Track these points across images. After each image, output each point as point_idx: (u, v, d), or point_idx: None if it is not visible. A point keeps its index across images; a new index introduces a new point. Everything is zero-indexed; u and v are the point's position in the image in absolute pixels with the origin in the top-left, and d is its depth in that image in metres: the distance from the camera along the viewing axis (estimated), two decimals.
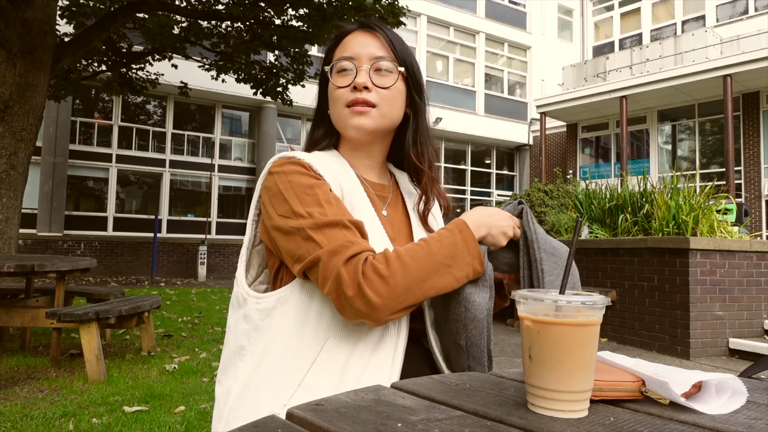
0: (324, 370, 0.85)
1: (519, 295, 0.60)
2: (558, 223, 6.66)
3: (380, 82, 1.00)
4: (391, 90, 1.01)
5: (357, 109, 0.99)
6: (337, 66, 1.02)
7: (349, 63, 1.01)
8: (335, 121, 1.05)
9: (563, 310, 0.57)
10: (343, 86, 1.00)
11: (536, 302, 0.58)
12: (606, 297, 0.59)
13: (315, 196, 0.88)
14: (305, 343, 0.87)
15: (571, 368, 0.56)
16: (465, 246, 0.87)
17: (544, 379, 0.57)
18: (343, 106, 1.00)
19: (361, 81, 0.99)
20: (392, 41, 1.03)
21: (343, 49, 1.03)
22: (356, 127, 1.00)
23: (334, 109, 1.03)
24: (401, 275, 0.81)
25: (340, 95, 1.01)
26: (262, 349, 0.89)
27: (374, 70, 1.00)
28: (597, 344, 0.59)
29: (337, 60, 1.02)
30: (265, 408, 0.86)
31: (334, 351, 0.86)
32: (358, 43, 1.02)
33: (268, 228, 0.91)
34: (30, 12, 5.59)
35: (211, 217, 14.19)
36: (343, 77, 1.01)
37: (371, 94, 0.99)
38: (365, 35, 1.03)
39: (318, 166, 0.94)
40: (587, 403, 0.58)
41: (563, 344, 0.57)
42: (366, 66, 1.00)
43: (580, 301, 0.57)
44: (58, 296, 3.89)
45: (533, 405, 0.58)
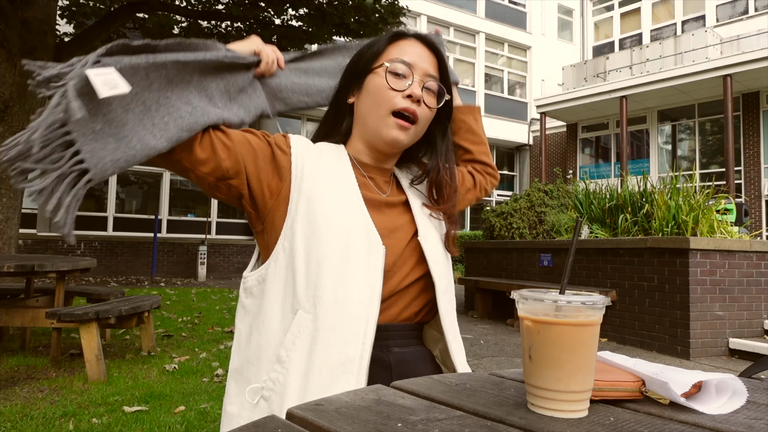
0: (294, 344, 0.86)
1: (519, 295, 0.60)
2: (558, 223, 6.65)
3: (428, 101, 1.00)
4: (432, 111, 1.02)
5: (401, 123, 0.97)
6: (393, 66, 0.98)
7: (407, 69, 0.98)
8: (369, 122, 1.00)
9: (563, 310, 0.57)
10: (398, 90, 0.97)
11: (536, 302, 0.58)
12: (606, 297, 0.59)
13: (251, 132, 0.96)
14: (277, 318, 0.90)
15: (571, 368, 0.56)
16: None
17: (544, 379, 0.57)
18: (389, 111, 0.97)
19: (419, 93, 0.97)
20: (444, 66, 1.04)
21: (400, 51, 1.00)
22: (393, 140, 0.98)
23: (375, 110, 0.99)
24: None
25: (390, 98, 0.97)
26: (248, 326, 0.94)
27: (425, 87, 0.99)
28: (597, 344, 0.59)
29: (394, 59, 0.99)
30: (254, 380, 0.90)
31: (303, 324, 0.87)
32: (416, 53, 1.00)
33: None
34: (30, 12, 5.59)
35: (211, 217, 14.19)
36: (397, 80, 0.98)
37: (419, 109, 0.98)
38: (423, 48, 1.02)
39: (296, 142, 0.98)
40: (587, 403, 0.58)
41: (563, 344, 0.56)
42: (418, 78, 0.98)
43: (580, 301, 0.57)
44: (58, 296, 3.89)
45: (533, 405, 0.58)
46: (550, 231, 6.98)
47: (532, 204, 7.63)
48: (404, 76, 0.98)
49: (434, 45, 1.03)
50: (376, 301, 0.87)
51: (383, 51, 1.01)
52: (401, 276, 0.95)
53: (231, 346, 3.15)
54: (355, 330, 0.85)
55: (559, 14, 19.93)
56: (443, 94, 1.02)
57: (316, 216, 0.90)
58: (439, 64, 1.03)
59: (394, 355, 0.94)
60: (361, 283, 0.88)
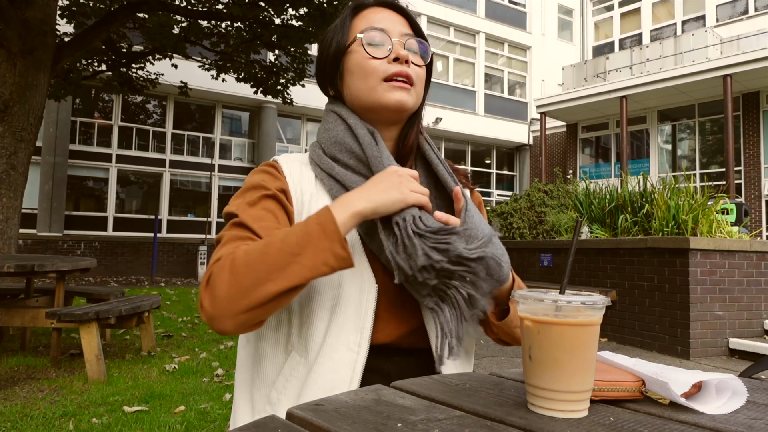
0: (285, 387, 0.84)
1: (519, 295, 0.60)
2: (558, 223, 6.65)
3: (415, 60, 0.92)
4: (423, 69, 0.93)
5: (398, 84, 0.88)
6: (368, 36, 0.89)
7: (382, 35, 0.90)
8: (364, 98, 0.90)
9: (563, 310, 0.57)
10: (381, 57, 0.89)
11: (536, 302, 0.58)
12: (606, 297, 0.59)
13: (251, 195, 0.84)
14: (270, 358, 0.88)
15: (570, 368, 0.56)
16: (320, 229, 0.72)
17: (543, 379, 0.57)
18: (379, 79, 0.88)
19: (404, 53, 0.88)
20: (414, 23, 0.95)
21: (369, 21, 0.92)
22: (398, 102, 0.88)
23: (365, 84, 0.89)
24: (227, 280, 0.70)
25: (375, 67, 0.89)
26: (249, 356, 0.92)
27: (406, 47, 0.91)
28: (597, 344, 0.59)
29: (366, 29, 0.90)
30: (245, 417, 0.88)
31: (294, 368, 0.84)
32: (383, 17, 0.92)
33: None
34: (30, 12, 5.59)
35: (211, 217, 14.19)
36: (376, 49, 0.89)
37: (411, 69, 0.90)
38: (389, 12, 0.94)
39: (287, 167, 0.91)
40: (587, 403, 0.58)
41: (563, 344, 0.56)
42: (397, 40, 0.90)
43: (580, 301, 0.57)
44: (58, 296, 3.89)
45: (533, 405, 0.58)
46: (550, 231, 6.98)
47: (532, 204, 7.63)
48: (381, 43, 0.89)
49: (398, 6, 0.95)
50: (364, 346, 0.82)
51: (350, 27, 0.92)
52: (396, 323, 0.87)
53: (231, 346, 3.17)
54: (342, 378, 0.81)
55: (559, 14, 19.93)
56: (427, 49, 0.95)
57: None
58: (410, 23, 0.94)
59: (394, 364, 0.89)
60: (350, 326, 0.83)
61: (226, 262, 0.72)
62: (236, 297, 0.70)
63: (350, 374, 0.81)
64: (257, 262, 0.71)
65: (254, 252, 0.72)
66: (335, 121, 0.93)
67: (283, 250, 0.71)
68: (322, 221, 0.73)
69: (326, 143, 0.93)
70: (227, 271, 0.71)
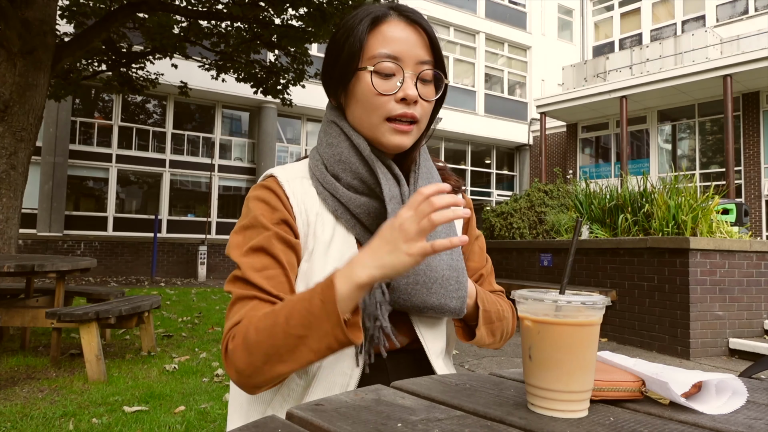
0: (282, 406, 0.85)
1: (519, 295, 0.60)
2: (558, 223, 6.65)
3: (425, 93, 0.88)
4: (431, 102, 0.90)
5: (400, 127, 0.86)
6: (379, 67, 0.85)
7: (394, 65, 0.85)
8: (364, 131, 0.89)
9: (563, 310, 0.57)
10: (388, 94, 0.85)
11: (536, 302, 0.58)
12: (606, 297, 0.59)
13: (251, 236, 0.83)
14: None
15: (570, 368, 0.56)
16: (323, 310, 0.68)
17: (543, 379, 0.57)
18: (382, 118, 0.86)
19: (413, 93, 0.85)
20: (434, 41, 0.89)
21: (383, 42, 0.86)
22: (396, 147, 0.87)
23: (367, 116, 0.87)
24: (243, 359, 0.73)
25: (381, 104, 0.85)
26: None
27: (420, 78, 0.87)
28: (597, 344, 0.59)
29: (378, 57, 0.85)
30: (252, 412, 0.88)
31: (293, 389, 0.85)
32: (401, 38, 0.86)
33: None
34: (30, 12, 5.59)
35: (211, 217, 14.19)
36: (384, 81, 0.85)
37: (417, 108, 0.87)
38: (407, 28, 0.87)
39: (289, 186, 0.88)
40: (587, 403, 0.58)
41: (563, 344, 0.56)
42: (411, 72, 0.86)
43: (580, 301, 0.57)
44: (58, 296, 3.89)
45: (533, 405, 0.58)
46: (550, 231, 6.98)
47: (532, 204, 7.63)
48: (392, 74, 0.85)
49: (417, 20, 0.88)
50: (357, 370, 0.83)
51: (365, 42, 0.86)
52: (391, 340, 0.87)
53: None
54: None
55: (559, 14, 19.93)
56: (441, 80, 0.90)
57: (312, 277, 0.85)
58: (431, 42, 0.88)
59: (389, 360, 0.90)
60: (347, 351, 0.83)
61: (239, 341, 0.74)
62: (254, 374, 0.74)
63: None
64: (267, 345, 0.72)
65: (264, 332, 0.72)
66: (339, 136, 0.90)
67: (289, 332, 0.70)
68: (324, 299, 0.69)
69: (330, 160, 0.90)
70: (241, 350, 0.74)
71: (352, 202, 0.87)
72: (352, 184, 0.88)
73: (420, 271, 0.84)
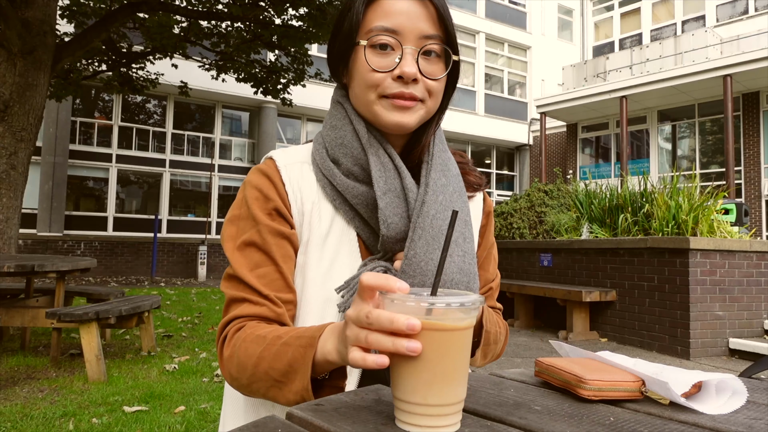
0: (274, 406, 0.83)
1: (387, 298, 0.53)
2: (558, 223, 6.65)
3: (430, 71, 0.79)
4: (440, 81, 0.81)
5: (399, 103, 0.78)
6: (374, 39, 0.78)
7: (392, 39, 0.77)
8: (361, 107, 0.82)
9: (433, 314, 0.50)
10: (384, 71, 0.78)
11: (402, 304, 0.51)
12: (480, 297, 0.53)
13: (244, 229, 0.81)
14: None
15: (428, 379, 0.50)
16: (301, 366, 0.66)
17: (400, 389, 0.52)
18: (378, 95, 0.79)
19: (411, 71, 0.77)
20: (444, 14, 0.80)
21: (383, 15, 0.78)
22: (396, 125, 0.79)
23: (363, 94, 0.80)
24: (236, 371, 0.74)
25: (377, 81, 0.78)
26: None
27: (423, 53, 0.78)
28: (465, 352, 0.52)
29: (375, 31, 0.78)
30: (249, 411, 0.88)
31: None
32: (402, 10, 0.78)
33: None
34: (30, 12, 5.59)
35: (211, 217, 14.19)
36: (381, 56, 0.78)
37: (417, 87, 0.79)
38: (410, 0, 0.79)
39: (286, 172, 0.84)
40: (451, 419, 0.51)
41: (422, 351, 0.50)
42: (412, 48, 0.78)
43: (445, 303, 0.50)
44: (58, 296, 3.89)
45: (396, 418, 0.53)
46: (550, 231, 6.98)
47: (532, 204, 7.63)
48: (391, 48, 0.78)
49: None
50: (355, 374, 0.80)
51: (362, 20, 0.80)
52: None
53: None
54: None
55: (559, 14, 19.93)
56: (450, 56, 0.81)
57: (307, 272, 0.82)
58: (439, 15, 0.79)
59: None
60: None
61: (231, 353, 0.75)
62: (243, 389, 0.76)
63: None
64: (252, 373, 0.72)
65: (252, 358, 0.71)
66: (343, 118, 0.85)
67: (269, 375, 0.70)
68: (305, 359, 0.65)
69: (331, 144, 0.85)
70: (235, 363, 0.74)
71: (349, 191, 0.82)
72: (351, 170, 0.82)
73: (428, 272, 0.78)
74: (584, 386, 0.62)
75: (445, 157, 0.88)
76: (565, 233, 6.46)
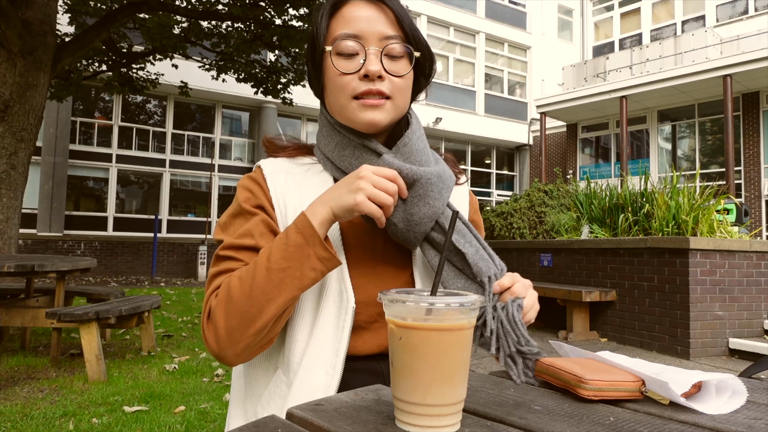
0: (269, 404, 0.84)
1: (386, 298, 0.54)
2: (558, 223, 6.65)
3: (394, 68, 0.84)
4: (405, 78, 0.86)
5: (369, 102, 0.83)
6: (338, 46, 0.83)
7: (355, 43, 0.83)
8: (336, 113, 0.87)
9: (433, 314, 0.51)
10: (350, 72, 0.83)
11: (400, 305, 0.52)
12: (480, 297, 0.53)
13: (236, 227, 0.85)
14: (260, 371, 0.88)
15: (428, 378, 0.50)
16: (300, 236, 0.74)
17: (399, 388, 0.52)
18: (349, 97, 0.84)
19: (375, 69, 0.82)
20: (401, 16, 0.86)
21: (344, 23, 0.84)
22: (368, 124, 0.84)
23: (336, 99, 0.85)
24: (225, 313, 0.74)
25: (345, 84, 0.83)
26: (238, 369, 0.93)
27: (385, 53, 0.84)
28: (465, 352, 0.53)
29: (339, 37, 0.83)
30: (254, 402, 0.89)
31: (278, 385, 0.84)
32: (361, 16, 0.84)
33: None
34: (30, 12, 5.59)
35: (211, 217, 14.19)
36: (347, 60, 0.83)
37: (384, 84, 0.83)
38: (369, 7, 0.85)
39: (271, 179, 0.88)
40: (449, 420, 0.52)
41: (423, 351, 0.50)
42: (375, 48, 0.83)
43: (445, 303, 0.51)
44: (58, 296, 3.89)
45: (395, 418, 0.53)
46: (550, 231, 6.98)
47: (532, 204, 7.63)
48: (355, 53, 0.83)
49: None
50: (339, 368, 0.80)
51: (327, 30, 0.86)
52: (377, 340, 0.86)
53: None
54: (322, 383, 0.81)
55: (559, 14, 19.93)
56: (412, 53, 0.86)
57: None
58: (397, 18, 0.85)
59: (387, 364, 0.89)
60: (327, 348, 0.81)
61: (222, 294, 0.76)
62: (237, 327, 0.74)
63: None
64: (250, 287, 0.73)
65: (246, 278, 0.74)
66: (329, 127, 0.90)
67: (271, 267, 0.73)
68: (300, 228, 0.75)
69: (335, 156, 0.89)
70: (225, 303, 0.74)
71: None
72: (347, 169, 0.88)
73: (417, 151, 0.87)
74: (584, 386, 0.62)
75: (422, 144, 0.92)
76: (565, 233, 6.46)
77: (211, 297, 0.78)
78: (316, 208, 0.77)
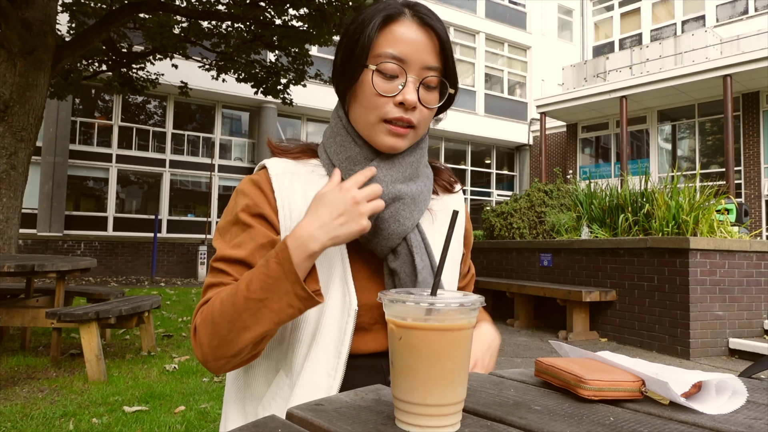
0: (270, 405, 0.85)
1: (386, 298, 0.54)
2: (558, 223, 6.65)
3: (427, 99, 0.86)
4: (432, 111, 0.88)
5: (396, 129, 0.84)
6: (382, 67, 0.83)
7: (398, 67, 0.83)
8: (361, 128, 0.88)
9: (433, 314, 0.51)
10: (387, 96, 0.84)
11: (399, 304, 0.52)
12: (480, 297, 0.53)
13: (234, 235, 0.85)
14: (262, 371, 0.88)
15: (427, 378, 0.50)
16: (281, 270, 0.72)
17: (399, 388, 0.52)
18: (379, 118, 0.84)
19: (412, 99, 0.83)
20: (445, 48, 0.86)
21: (392, 42, 0.84)
22: (389, 148, 0.86)
23: (365, 115, 0.86)
24: (209, 331, 0.75)
25: (379, 105, 0.84)
26: (234, 377, 0.93)
27: (423, 83, 0.85)
28: (465, 352, 0.53)
29: (383, 57, 0.83)
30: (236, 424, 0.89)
31: (280, 387, 0.85)
32: (410, 40, 0.84)
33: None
34: (30, 12, 5.59)
35: (211, 217, 14.19)
36: (386, 82, 0.84)
37: (414, 114, 0.85)
38: (419, 31, 0.84)
39: (277, 180, 0.87)
40: (448, 420, 0.52)
41: (423, 351, 0.51)
42: (415, 77, 0.84)
43: (444, 303, 0.51)
44: (58, 296, 3.89)
45: (396, 418, 0.53)
46: (550, 231, 6.98)
47: (532, 204, 7.63)
48: (395, 75, 0.84)
49: (431, 23, 0.86)
50: (340, 370, 0.82)
51: (375, 39, 0.84)
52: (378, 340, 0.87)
53: None
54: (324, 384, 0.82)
55: (559, 14, 19.93)
56: (446, 89, 0.88)
57: None
58: (442, 48, 0.86)
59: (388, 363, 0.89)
60: (330, 349, 0.82)
61: (206, 314, 0.77)
62: (218, 347, 0.76)
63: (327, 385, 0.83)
64: (230, 312, 0.74)
65: (227, 301, 0.75)
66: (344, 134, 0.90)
67: (249, 297, 0.73)
68: (280, 260, 0.73)
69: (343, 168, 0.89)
70: (208, 323, 0.76)
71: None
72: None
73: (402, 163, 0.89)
74: (584, 386, 0.62)
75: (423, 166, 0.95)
76: (565, 233, 6.46)
77: (198, 313, 0.80)
78: (305, 240, 0.74)
